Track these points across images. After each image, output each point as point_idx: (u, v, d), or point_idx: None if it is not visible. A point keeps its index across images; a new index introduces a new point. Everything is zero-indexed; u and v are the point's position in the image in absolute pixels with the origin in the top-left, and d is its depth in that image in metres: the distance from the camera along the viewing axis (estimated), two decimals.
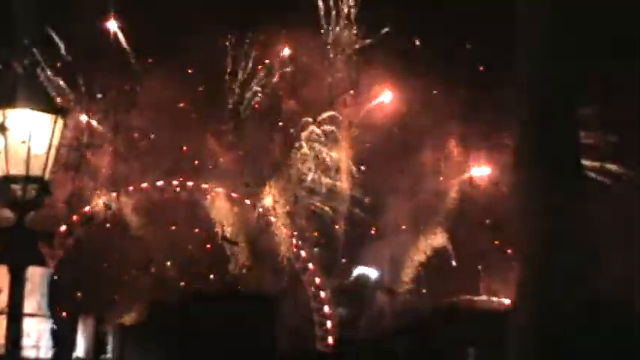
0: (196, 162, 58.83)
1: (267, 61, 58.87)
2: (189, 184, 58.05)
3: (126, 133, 57.29)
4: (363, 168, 58.09)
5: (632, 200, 50.18)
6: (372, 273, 59.94)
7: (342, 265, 59.39)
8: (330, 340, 56.96)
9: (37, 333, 44.62)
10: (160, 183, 57.62)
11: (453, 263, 56.98)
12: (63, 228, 54.69)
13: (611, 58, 47.86)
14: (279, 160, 58.43)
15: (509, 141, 46.52)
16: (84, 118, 56.00)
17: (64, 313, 50.08)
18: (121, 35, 57.06)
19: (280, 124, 58.91)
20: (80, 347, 49.94)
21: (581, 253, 8.11)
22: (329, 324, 57.35)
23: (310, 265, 57.93)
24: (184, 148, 58.30)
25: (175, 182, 57.89)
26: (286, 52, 59.08)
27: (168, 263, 56.80)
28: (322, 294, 57.80)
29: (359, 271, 60.00)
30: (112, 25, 56.46)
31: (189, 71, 57.85)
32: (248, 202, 58.24)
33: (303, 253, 57.98)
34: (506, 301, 51.38)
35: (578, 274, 7.91)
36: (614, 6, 45.18)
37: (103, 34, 56.45)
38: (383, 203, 57.91)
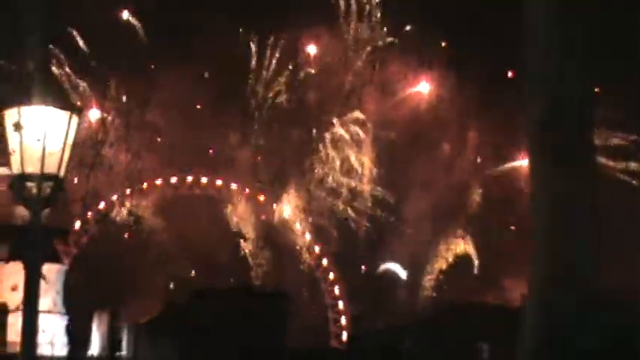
0: (211, 158, 59.05)
1: (290, 64, 59.01)
2: (204, 180, 58.17)
3: (141, 130, 57.60)
4: (383, 168, 58.15)
5: None
6: (398, 269, 59.93)
7: (366, 260, 59.39)
8: (345, 336, 56.95)
9: (52, 330, 44.79)
10: (174, 180, 57.75)
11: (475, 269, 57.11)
12: (78, 225, 54.87)
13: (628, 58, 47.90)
14: (300, 159, 58.59)
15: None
16: (98, 114, 56.32)
17: (79, 310, 50.24)
18: (139, 28, 57.37)
19: (302, 123, 59.05)
20: (95, 344, 50.07)
21: (592, 251, 8.13)
22: (343, 320, 57.35)
23: (324, 261, 57.90)
24: (203, 145, 58.54)
25: (190, 179, 58.03)
26: (311, 50, 59.18)
27: (182, 260, 57.10)
28: (336, 290, 57.77)
29: (385, 266, 60.00)
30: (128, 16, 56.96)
31: (206, 74, 58.13)
32: (262, 198, 58.33)
33: (317, 249, 57.97)
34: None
35: (586, 271, 7.93)
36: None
37: (120, 30, 56.85)
38: (405, 201, 57.94)
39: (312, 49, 59.58)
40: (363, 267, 59.89)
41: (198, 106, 58.26)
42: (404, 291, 59.11)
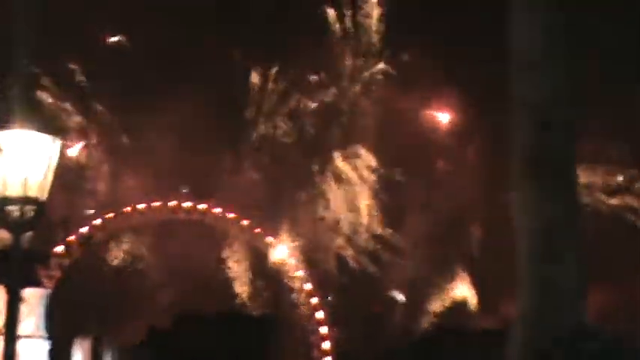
0: (206, 184, 58.95)
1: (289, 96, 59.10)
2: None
3: (128, 153, 57.69)
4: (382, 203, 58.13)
5: None
6: (398, 295, 59.76)
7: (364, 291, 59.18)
8: None
9: (34, 355, 44.47)
10: (157, 204, 57.63)
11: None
12: (60, 249, 54.59)
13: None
14: (298, 191, 58.55)
15: None
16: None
17: (60, 335, 49.90)
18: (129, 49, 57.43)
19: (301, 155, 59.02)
20: None
21: (579, 271, 8.12)
22: (326, 345, 57.11)
23: (307, 286, 57.71)
24: (198, 170, 58.52)
25: (173, 203, 57.95)
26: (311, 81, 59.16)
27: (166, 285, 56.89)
28: (318, 315, 57.55)
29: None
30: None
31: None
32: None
33: (300, 273, 57.79)
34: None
35: (573, 296, 7.91)
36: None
37: (111, 53, 56.90)
38: (404, 228, 57.85)
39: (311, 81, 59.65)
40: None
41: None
42: (400, 315, 58.90)
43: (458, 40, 51.80)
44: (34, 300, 43.44)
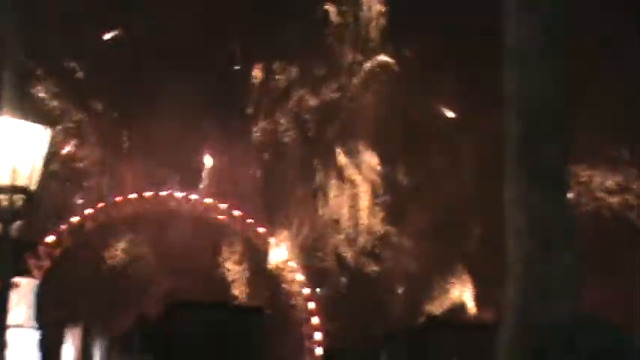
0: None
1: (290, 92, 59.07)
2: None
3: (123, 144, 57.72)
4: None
5: None
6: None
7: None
8: (320, 351, 56.78)
9: (24, 344, 44.43)
10: (148, 194, 57.59)
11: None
12: (50, 239, 54.49)
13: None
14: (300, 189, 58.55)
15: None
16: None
17: (51, 325, 49.86)
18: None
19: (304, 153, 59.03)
20: (67, 358, 49.70)
21: (570, 269, 8.10)
22: (318, 335, 57.18)
23: (299, 276, 57.76)
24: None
25: (164, 194, 57.92)
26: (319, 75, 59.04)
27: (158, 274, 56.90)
28: (311, 305, 57.62)
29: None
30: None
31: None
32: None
33: (293, 264, 57.84)
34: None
35: (564, 288, 7.89)
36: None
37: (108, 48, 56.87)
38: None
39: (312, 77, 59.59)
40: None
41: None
42: (398, 307, 58.91)
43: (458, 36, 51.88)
44: (24, 289, 43.38)
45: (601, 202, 54.45)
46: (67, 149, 55.97)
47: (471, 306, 57.63)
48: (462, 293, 57.90)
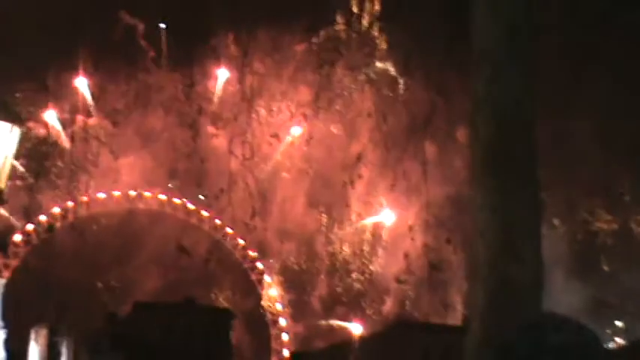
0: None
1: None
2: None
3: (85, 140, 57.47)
4: None
5: None
6: None
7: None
8: (287, 353, 56.82)
9: None
10: (116, 193, 57.45)
11: None
12: (19, 238, 54.19)
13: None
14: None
15: None
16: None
17: (17, 324, 49.56)
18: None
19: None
20: (33, 358, 49.41)
21: (536, 271, 8.18)
22: (285, 337, 57.22)
23: (267, 278, 57.74)
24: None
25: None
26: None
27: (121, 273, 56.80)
28: (279, 306, 57.64)
29: None
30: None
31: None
32: (206, 213, 58.12)
33: (260, 265, 57.80)
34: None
35: (531, 292, 7.98)
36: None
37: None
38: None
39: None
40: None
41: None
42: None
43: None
44: None
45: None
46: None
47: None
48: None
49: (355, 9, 57.65)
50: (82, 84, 56.49)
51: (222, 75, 58.57)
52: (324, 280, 58.87)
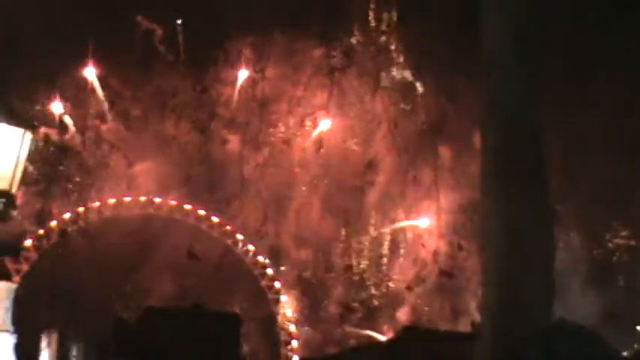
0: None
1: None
2: (157, 200, 57.95)
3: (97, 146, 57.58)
4: None
5: None
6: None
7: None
8: (296, 359, 56.76)
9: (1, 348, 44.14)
10: (127, 199, 57.49)
11: None
12: (29, 242, 54.26)
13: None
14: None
15: None
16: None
17: (27, 329, 49.52)
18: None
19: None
20: None
21: (546, 278, 8.14)
22: (295, 343, 57.14)
23: (277, 284, 57.70)
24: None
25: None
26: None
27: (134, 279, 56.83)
28: (288, 313, 57.58)
29: None
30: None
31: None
32: (216, 219, 58.08)
33: (269, 271, 57.76)
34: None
35: (542, 298, 7.94)
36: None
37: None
38: None
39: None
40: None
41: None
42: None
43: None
44: (1, 293, 43.18)
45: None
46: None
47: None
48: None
49: (372, 19, 57.74)
50: (97, 88, 56.69)
51: (241, 76, 58.49)
52: (338, 288, 58.83)
